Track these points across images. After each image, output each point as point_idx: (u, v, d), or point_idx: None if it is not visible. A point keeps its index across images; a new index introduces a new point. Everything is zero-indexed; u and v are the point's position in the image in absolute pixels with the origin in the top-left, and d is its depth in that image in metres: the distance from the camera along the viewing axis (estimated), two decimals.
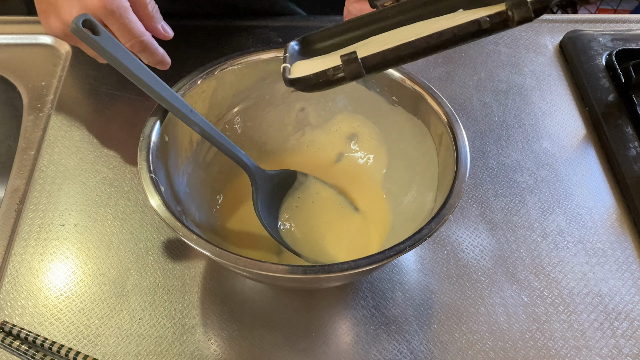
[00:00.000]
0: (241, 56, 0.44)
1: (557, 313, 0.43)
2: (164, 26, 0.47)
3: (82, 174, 0.51)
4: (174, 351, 0.41)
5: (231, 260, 0.33)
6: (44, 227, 0.47)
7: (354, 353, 0.41)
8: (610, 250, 0.47)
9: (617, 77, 0.59)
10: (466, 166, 0.38)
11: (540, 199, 0.51)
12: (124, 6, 0.42)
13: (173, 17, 0.53)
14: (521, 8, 0.28)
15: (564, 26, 0.67)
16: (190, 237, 0.34)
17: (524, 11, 0.28)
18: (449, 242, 0.47)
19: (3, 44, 0.62)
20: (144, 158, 0.38)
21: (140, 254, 0.46)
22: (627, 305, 0.44)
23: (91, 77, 0.58)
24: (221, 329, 0.42)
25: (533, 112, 0.58)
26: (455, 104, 0.58)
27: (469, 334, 0.42)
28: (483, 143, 0.55)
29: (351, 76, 0.32)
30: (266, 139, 0.50)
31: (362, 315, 0.43)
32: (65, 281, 0.44)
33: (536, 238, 0.48)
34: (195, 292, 0.44)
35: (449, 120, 0.41)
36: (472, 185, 0.51)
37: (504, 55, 0.64)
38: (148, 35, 0.45)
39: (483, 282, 0.45)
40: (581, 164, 0.54)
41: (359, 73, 0.32)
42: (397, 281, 0.45)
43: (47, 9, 0.44)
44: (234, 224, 0.46)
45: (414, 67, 0.61)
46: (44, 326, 0.42)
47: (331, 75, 0.32)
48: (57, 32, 0.45)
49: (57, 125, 0.54)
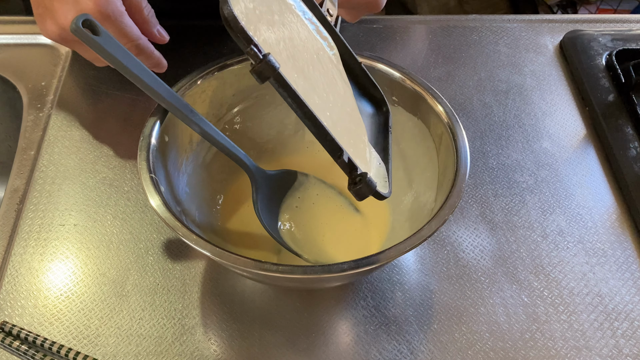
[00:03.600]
0: (241, 56, 0.44)
1: (557, 313, 0.43)
2: (159, 30, 0.47)
3: (82, 174, 0.51)
4: (174, 351, 0.41)
5: (231, 260, 0.33)
6: (44, 227, 0.47)
7: (354, 353, 0.41)
8: (610, 250, 0.47)
9: (617, 77, 0.59)
10: (466, 166, 0.38)
11: (540, 199, 0.51)
12: (119, 10, 0.42)
13: (172, 17, 0.53)
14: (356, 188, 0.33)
15: (564, 26, 0.67)
16: (190, 237, 0.34)
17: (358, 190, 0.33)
18: (449, 242, 0.47)
19: (3, 44, 0.62)
20: (144, 158, 0.38)
21: (140, 254, 0.46)
22: (627, 305, 0.44)
23: (91, 77, 0.58)
24: (221, 329, 0.42)
25: (533, 112, 0.58)
26: (455, 104, 0.58)
27: (469, 334, 0.42)
28: (483, 143, 0.55)
29: (256, 74, 0.31)
30: (266, 139, 0.50)
31: (362, 315, 0.43)
32: (65, 281, 0.44)
33: (536, 238, 0.48)
34: (195, 292, 0.44)
35: (449, 120, 0.41)
36: (472, 185, 0.51)
37: (504, 55, 0.64)
38: (144, 39, 0.45)
39: (483, 282, 0.45)
40: (581, 164, 0.54)
41: (264, 78, 0.31)
42: (397, 281, 0.45)
43: (43, 13, 0.44)
44: (234, 224, 0.46)
45: (414, 67, 0.61)
46: (44, 326, 0.42)
47: (245, 51, 0.31)
48: (54, 36, 0.45)
49: (57, 125, 0.54)
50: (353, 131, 0.38)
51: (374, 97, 0.43)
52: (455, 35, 0.65)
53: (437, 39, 0.65)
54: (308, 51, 0.37)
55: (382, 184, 0.37)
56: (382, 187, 0.37)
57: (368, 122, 0.42)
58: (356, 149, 0.37)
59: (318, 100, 0.34)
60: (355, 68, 0.42)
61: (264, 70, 0.30)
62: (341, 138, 0.34)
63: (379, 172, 0.38)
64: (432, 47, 0.64)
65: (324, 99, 0.35)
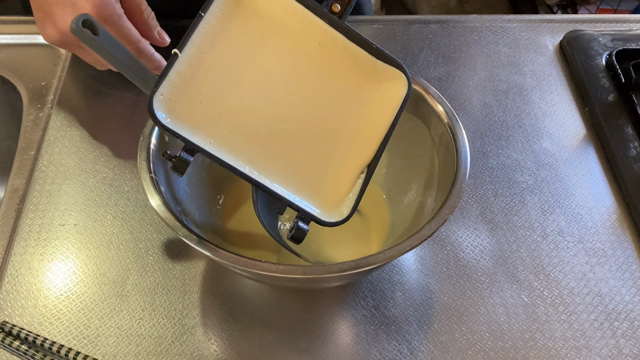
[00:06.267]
0: None
1: (557, 313, 0.43)
2: (160, 33, 0.47)
3: (82, 174, 0.51)
4: (174, 351, 0.41)
5: (231, 260, 0.33)
6: (44, 227, 0.47)
7: (354, 353, 0.41)
8: (610, 250, 0.47)
9: (617, 77, 0.59)
10: (466, 166, 0.38)
11: (540, 199, 0.51)
12: (117, 13, 0.42)
13: (172, 17, 0.53)
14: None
15: (564, 26, 0.67)
16: (191, 238, 0.34)
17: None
18: (449, 242, 0.47)
19: (3, 44, 0.62)
20: (144, 158, 0.38)
21: (140, 254, 0.46)
22: (627, 305, 0.44)
23: (91, 77, 0.58)
24: (221, 329, 0.42)
25: (533, 112, 0.58)
26: (455, 104, 0.58)
27: (469, 334, 0.42)
28: (483, 143, 0.55)
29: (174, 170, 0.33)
30: None
31: (362, 315, 0.43)
32: (65, 281, 0.44)
33: (536, 238, 0.48)
34: (195, 292, 0.44)
35: (449, 120, 0.41)
36: (472, 185, 0.51)
37: (504, 55, 0.64)
38: (144, 42, 0.45)
39: (483, 282, 0.45)
40: (581, 164, 0.54)
41: (183, 168, 0.33)
42: (397, 281, 0.45)
43: (43, 18, 0.44)
44: (234, 224, 0.46)
45: (414, 67, 0.61)
46: (44, 326, 0.42)
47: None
48: (54, 40, 0.45)
49: (57, 125, 0.54)
50: (323, 149, 0.37)
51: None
52: (455, 35, 0.65)
53: (437, 39, 0.65)
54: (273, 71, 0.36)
55: (346, 204, 0.37)
56: (347, 207, 0.37)
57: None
58: (316, 173, 0.37)
59: (256, 148, 0.35)
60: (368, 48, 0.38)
61: (179, 166, 0.33)
62: (295, 167, 0.36)
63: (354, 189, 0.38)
64: (432, 47, 0.64)
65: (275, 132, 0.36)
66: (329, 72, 0.36)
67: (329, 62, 0.36)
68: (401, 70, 0.36)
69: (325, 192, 0.37)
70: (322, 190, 0.37)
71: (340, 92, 0.37)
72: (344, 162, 0.37)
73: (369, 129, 0.37)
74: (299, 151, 0.36)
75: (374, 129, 0.37)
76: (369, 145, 0.37)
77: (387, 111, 0.37)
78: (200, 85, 0.34)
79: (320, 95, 0.36)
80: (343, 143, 0.37)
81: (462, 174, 0.38)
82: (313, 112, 0.36)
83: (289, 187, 0.35)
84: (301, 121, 0.36)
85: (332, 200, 0.37)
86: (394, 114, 0.37)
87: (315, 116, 0.36)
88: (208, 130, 0.34)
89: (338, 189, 0.37)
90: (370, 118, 0.37)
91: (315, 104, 0.36)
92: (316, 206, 0.36)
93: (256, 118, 0.35)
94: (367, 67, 0.37)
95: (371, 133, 0.37)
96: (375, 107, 0.37)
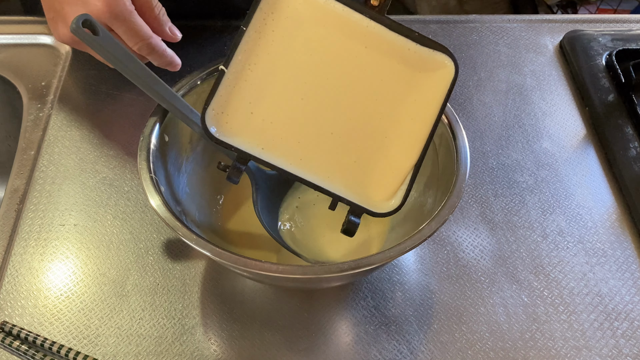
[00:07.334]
0: None
1: (557, 313, 0.43)
2: (171, 28, 0.47)
3: (82, 174, 0.51)
4: (174, 351, 0.41)
5: (231, 260, 0.33)
6: (44, 227, 0.47)
7: (354, 353, 0.41)
8: (610, 250, 0.47)
9: (617, 77, 0.59)
10: (466, 166, 0.38)
11: (540, 199, 0.51)
12: (128, 10, 0.42)
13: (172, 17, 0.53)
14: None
15: (564, 26, 0.67)
16: (191, 237, 0.34)
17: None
18: (449, 242, 0.47)
19: (3, 44, 0.62)
20: (144, 158, 0.38)
21: (140, 254, 0.46)
22: (627, 305, 0.44)
23: (91, 77, 0.58)
24: (221, 329, 0.42)
25: (533, 112, 0.58)
26: (455, 104, 0.58)
27: (469, 334, 0.42)
28: (483, 143, 0.55)
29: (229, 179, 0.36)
30: None
31: (362, 315, 0.43)
32: (65, 281, 0.44)
33: (536, 238, 0.48)
34: (195, 292, 0.44)
35: (449, 120, 0.41)
36: (472, 185, 0.51)
37: (504, 55, 0.64)
38: (155, 38, 0.44)
39: (483, 282, 0.45)
40: (581, 164, 0.54)
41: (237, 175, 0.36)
42: (397, 281, 0.45)
43: (55, 17, 0.44)
44: (234, 224, 0.46)
45: None
46: (44, 326, 0.42)
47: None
48: (66, 39, 0.45)
49: (57, 125, 0.54)
50: (369, 144, 0.37)
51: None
52: (455, 35, 0.65)
53: (437, 39, 0.65)
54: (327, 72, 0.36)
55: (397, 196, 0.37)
56: (397, 198, 0.37)
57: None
58: (365, 170, 0.37)
59: (304, 148, 0.36)
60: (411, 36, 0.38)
61: (233, 175, 0.35)
62: (343, 162, 0.36)
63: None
64: None
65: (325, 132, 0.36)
66: (376, 71, 0.36)
67: (375, 62, 0.36)
68: (447, 53, 0.36)
69: (375, 187, 0.37)
70: (371, 185, 0.37)
71: (388, 89, 0.37)
72: (392, 158, 0.37)
73: (416, 122, 0.37)
74: (348, 151, 0.37)
75: (421, 122, 0.37)
76: (417, 138, 0.37)
77: (434, 100, 0.37)
78: (249, 97, 0.35)
79: (368, 95, 0.37)
80: (391, 139, 0.37)
81: (462, 174, 0.38)
82: (361, 112, 0.37)
83: (339, 184, 0.36)
84: (349, 122, 0.36)
85: (382, 195, 0.37)
86: (442, 101, 0.36)
87: (363, 116, 0.37)
88: (260, 138, 0.35)
89: (387, 183, 0.37)
90: (418, 111, 0.37)
91: (363, 105, 0.37)
92: (366, 202, 0.37)
93: (306, 123, 0.36)
94: (412, 58, 0.36)
95: (418, 126, 0.37)
96: (423, 98, 0.37)
